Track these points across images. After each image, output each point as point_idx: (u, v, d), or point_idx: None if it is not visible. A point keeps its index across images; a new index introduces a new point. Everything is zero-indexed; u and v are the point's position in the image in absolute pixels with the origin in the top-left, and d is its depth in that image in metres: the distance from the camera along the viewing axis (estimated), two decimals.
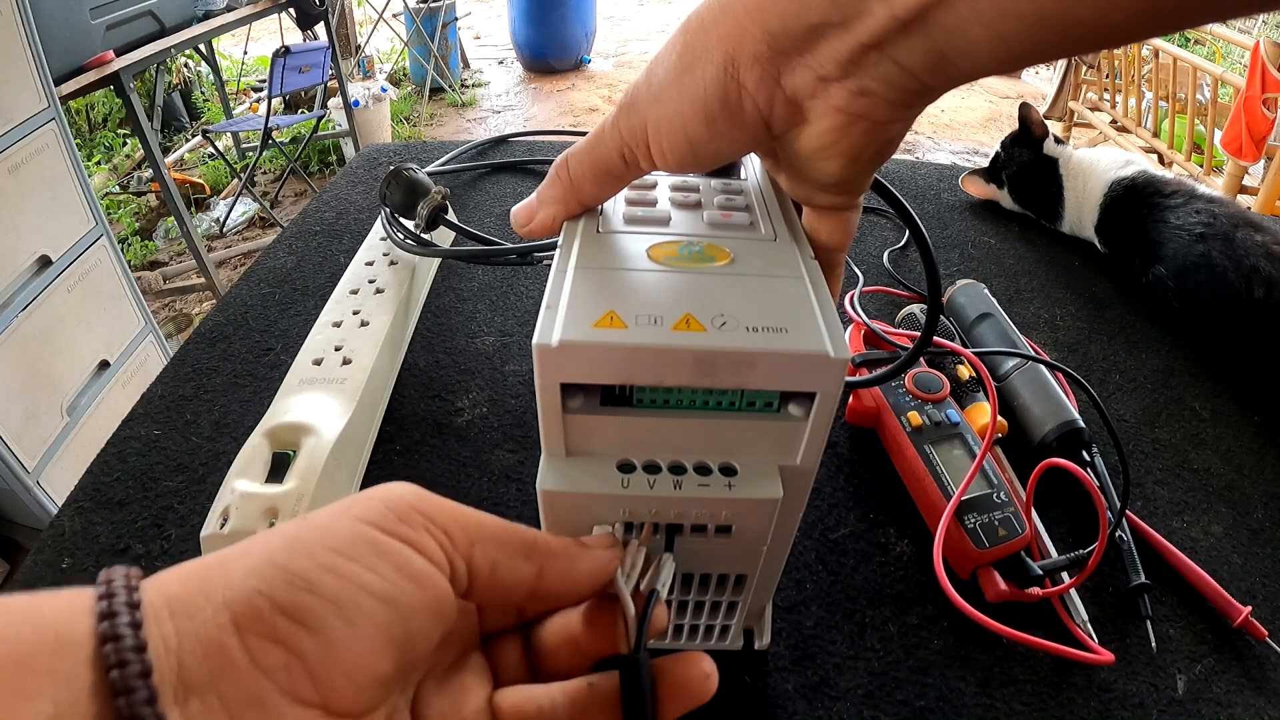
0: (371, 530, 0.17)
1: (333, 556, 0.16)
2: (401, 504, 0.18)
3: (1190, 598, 0.38)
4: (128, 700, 0.13)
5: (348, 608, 0.16)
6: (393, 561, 0.17)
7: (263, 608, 0.15)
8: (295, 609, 0.15)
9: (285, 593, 0.16)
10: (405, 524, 0.18)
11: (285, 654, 0.15)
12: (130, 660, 0.14)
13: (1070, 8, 0.16)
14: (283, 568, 0.16)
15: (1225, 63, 3.06)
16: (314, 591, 0.16)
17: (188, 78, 3.26)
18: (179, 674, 0.14)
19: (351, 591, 0.16)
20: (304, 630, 0.15)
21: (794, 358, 0.20)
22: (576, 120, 3.56)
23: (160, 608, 0.15)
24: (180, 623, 0.15)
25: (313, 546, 0.17)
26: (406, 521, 0.18)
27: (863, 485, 0.42)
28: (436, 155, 0.72)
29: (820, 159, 0.22)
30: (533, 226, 0.26)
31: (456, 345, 0.51)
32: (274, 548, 0.16)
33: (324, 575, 0.16)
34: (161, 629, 0.15)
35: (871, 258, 0.62)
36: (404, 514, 0.18)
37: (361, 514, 0.18)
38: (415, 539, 0.18)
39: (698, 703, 0.20)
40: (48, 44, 1.27)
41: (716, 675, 0.20)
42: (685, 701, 0.20)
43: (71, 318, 1.32)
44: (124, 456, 0.42)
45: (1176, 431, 0.48)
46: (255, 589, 0.15)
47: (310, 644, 0.15)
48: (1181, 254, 0.55)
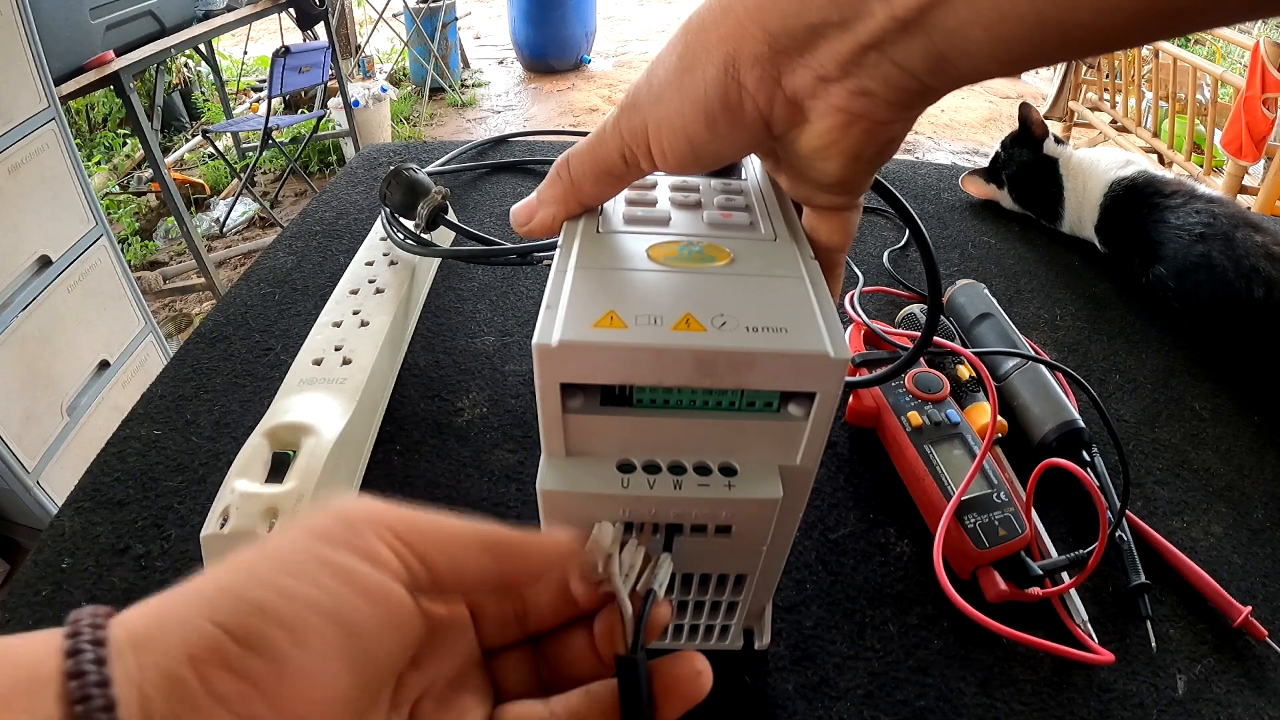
0: (319, 544, 0.17)
1: (280, 577, 0.16)
2: (354, 515, 0.18)
3: (1190, 598, 0.38)
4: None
5: (297, 629, 0.16)
6: (340, 576, 0.17)
7: (214, 636, 0.15)
8: (246, 635, 0.15)
9: (235, 620, 0.15)
10: (354, 534, 0.18)
11: (239, 683, 0.15)
12: (94, 695, 0.14)
13: (1070, 11, 0.16)
14: (233, 594, 0.16)
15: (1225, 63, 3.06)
16: (263, 616, 0.16)
17: (188, 78, 3.26)
18: (141, 707, 0.14)
19: (299, 612, 0.16)
20: (256, 656, 0.15)
21: (794, 358, 0.20)
22: (576, 120, 3.56)
23: (124, 643, 0.15)
24: (142, 657, 0.15)
25: (262, 571, 0.16)
26: (355, 531, 0.18)
27: (863, 485, 0.42)
28: (436, 155, 0.72)
29: (821, 159, 0.22)
30: (532, 226, 0.26)
31: (456, 345, 0.51)
32: (226, 575, 0.16)
33: (273, 598, 0.16)
34: (125, 664, 0.15)
35: (871, 258, 0.62)
36: (354, 524, 0.18)
37: (311, 530, 0.18)
38: (365, 547, 0.17)
39: (692, 701, 0.20)
40: (48, 44, 1.27)
41: (709, 673, 0.20)
42: (680, 701, 0.20)
43: (71, 318, 1.32)
44: (124, 456, 0.42)
45: (1176, 431, 0.48)
46: (207, 618, 0.15)
47: (264, 670, 0.15)
48: (1181, 254, 0.55)
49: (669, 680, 0.20)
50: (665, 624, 0.22)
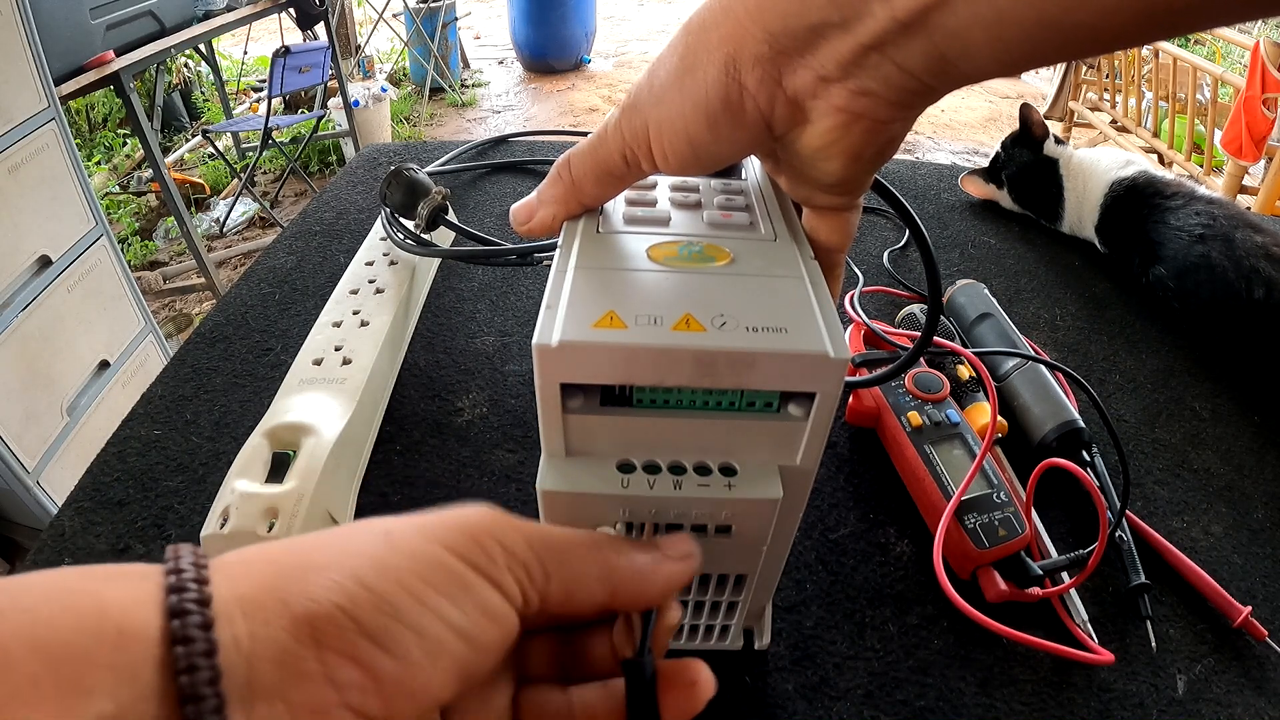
0: (457, 563, 0.17)
1: (420, 585, 0.16)
2: (485, 535, 0.18)
3: (1190, 598, 0.38)
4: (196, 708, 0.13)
5: (431, 640, 0.16)
6: (476, 599, 0.17)
7: (346, 625, 0.15)
8: (379, 632, 0.15)
9: (370, 615, 0.15)
10: (488, 557, 0.18)
11: (362, 674, 0.15)
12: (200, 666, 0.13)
13: (1070, 12, 0.16)
14: (369, 589, 0.16)
15: (1225, 63, 3.06)
16: (400, 619, 0.16)
17: (188, 78, 3.26)
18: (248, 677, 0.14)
19: (437, 625, 0.16)
20: (385, 654, 0.15)
21: (794, 358, 0.20)
22: (576, 120, 3.56)
23: (232, 606, 0.15)
24: (254, 626, 0.14)
25: (400, 571, 0.16)
26: (489, 554, 0.18)
27: (863, 485, 0.42)
28: (436, 155, 0.72)
29: (821, 159, 0.22)
30: (532, 225, 0.26)
31: (456, 345, 0.51)
32: (357, 565, 0.16)
33: (411, 604, 0.16)
34: (234, 629, 0.14)
35: (871, 258, 0.62)
36: (487, 546, 0.18)
37: (446, 542, 0.17)
38: (497, 577, 0.18)
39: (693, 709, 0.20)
40: (48, 44, 1.27)
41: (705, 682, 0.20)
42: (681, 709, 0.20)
43: (71, 318, 1.32)
44: (124, 456, 0.42)
45: (1176, 431, 0.48)
46: (338, 605, 0.15)
47: (389, 667, 0.15)
48: (1181, 255, 0.55)
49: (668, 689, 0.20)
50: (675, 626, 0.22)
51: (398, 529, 0.18)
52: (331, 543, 0.17)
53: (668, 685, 0.20)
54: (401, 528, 0.18)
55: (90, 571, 0.14)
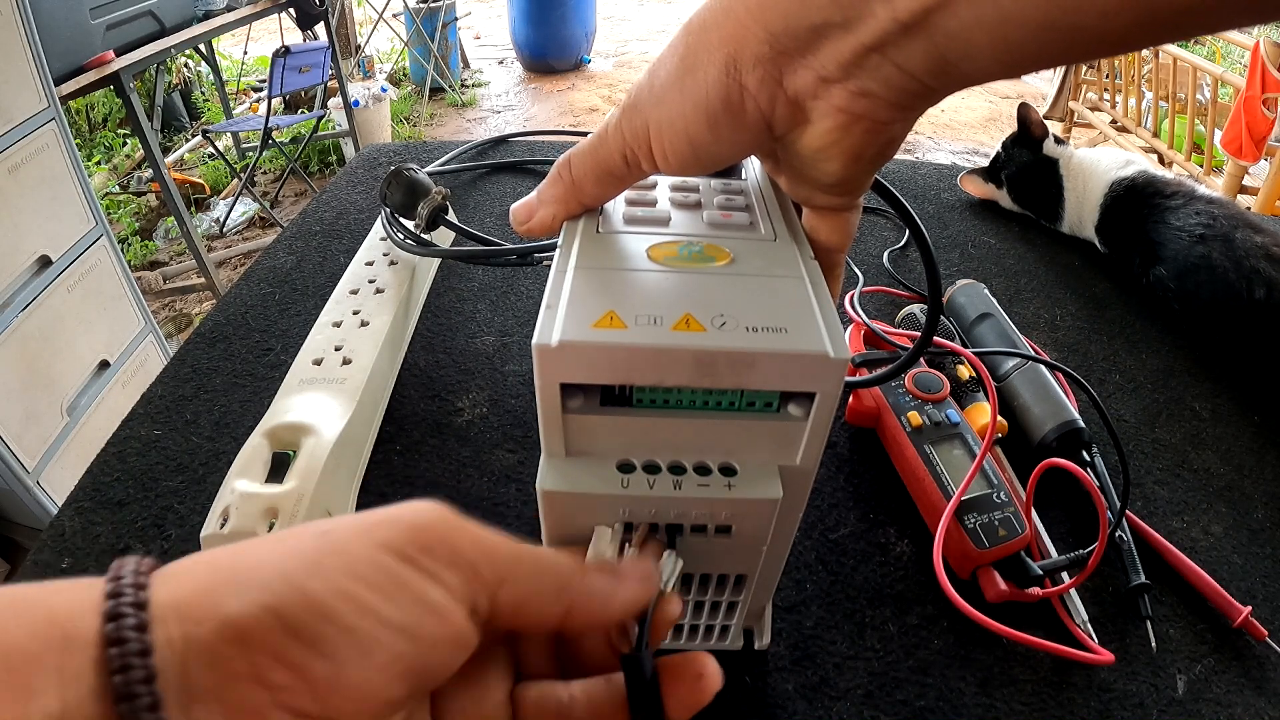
0: (392, 560, 0.17)
1: (351, 582, 0.16)
2: (427, 534, 0.18)
3: (1190, 598, 0.38)
4: (130, 706, 0.13)
5: (363, 638, 0.16)
6: (413, 595, 0.17)
7: (271, 626, 0.15)
8: (307, 632, 0.15)
9: (298, 614, 0.15)
10: (429, 554, 0.17)
11: (291, 675, 0.15)
12: (134, 665, 0.14)
13: (1073, 14, 0.16)
14: (297, 588, 0.16)
15: (1225, 63, 3.06)
16: (329, 618, 0.15)
17: (188, 78, 3.26)
18: (182, 680, 0.14)
19: (368, 623, 0.16)
20: (314, 655, 0.15)
21: (794, 358, 0.19)
22: (576, 120, 3.56)
23: (168, 609, 0.15)
24: (188, 628, 0.15)
25: (330, 570, 0.16)
26: (430, 551, 0.17)
27: (863, 485, 0.42)
28: (436, 155, 0.72)
29: (821, 159, 0.22)
30: (532, 225, 0.26)
31: (456, 345, 0.51)
32: (288, 565, 0.16)
33: (341, 603, 0.16)
34: (168, 632, 0.15)
35: (871, 258, 0.62)
36: (428, 545, 0.17)
37: (384, 540, 0.17)
38: (438, 573, 0.17)
39: (698, 703, 0.20)
40: (48, 44, 1.27)
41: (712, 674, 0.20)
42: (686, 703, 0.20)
43: (71, 318, 1.32)
44: (124, 456, 0.42)
45: (1176, 431, 0.48)
46: (266, 605, 0.15)
47: (320, 669, 0.15)
48: (1182, 255, 0.55)
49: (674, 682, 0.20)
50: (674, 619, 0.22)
51: (336, 528, 0.17)
52: (271, 544, 0.17)
53: (674, 679, 0.20)
54: (340, 526, 0.17)
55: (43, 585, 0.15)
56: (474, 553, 0.18)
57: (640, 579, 0.21)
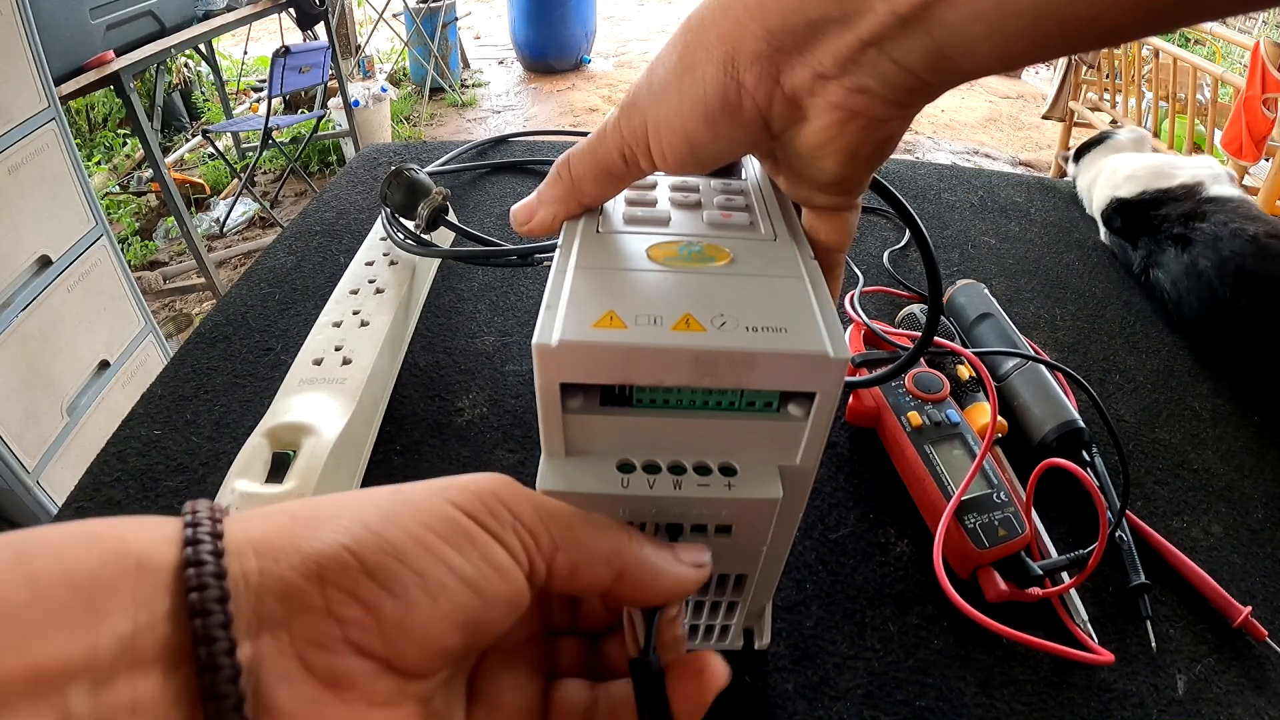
0: (463, 517, 0.18)
1: (424, 532, 0.17)
2: (493, 498, 0.18)
3: (1190, 598, 0.38)
4: (204, 622, 0.14)
5: (432, 583, 0.16)
6: (480, 551, 0.17)
7: (350, 564, 0.16)
8: (382, 572, 0.16)
9: (374, 556, 0.16)
10: (494, 518, 0.18)
11: (363, 611, 0.16)
12: (210, 585, 0.14)
13: (1069, 4, 0.16)
14: (375, 533, 0.16)
15: (1225, 63, 3.06)
16: (403, 561, 0.16)
17: (188, 78, 3.26)
18: (255, 608, 0.15)
19: (439, 569, 0.17)
20: (386, 594, 0.16)
21: (794, 358, 0.19)
22: (576, 120, 3.56)
23: (244, 544, 0.16)
24: (264, 562, 0.15)
25: (405, 519, 0.17)
26: (496, 515, 0.18)
27: (863, 485, 0.42)
28: (436, 155, 0.72)
29: (818, 157, 0.22)
30: (532, 225, 0.26)
31: (456, 345, 0.51)
32: (365, 512, 0.17)
33: (415, 547, 0.17)
34: (244, 565, 0.15)
35: (871, 258, 0.62)
36: (494, 508, 0.18)
37: (454, 499, 0.18)
38: (503, 536, 0.18)
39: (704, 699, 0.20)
40: (48, 44, 1.27)
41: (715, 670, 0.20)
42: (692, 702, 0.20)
43: (71, 318, 1.32)
44: (124, 456, 0.42)
45: (1176, 431, 0.48)
46: (344, 546, 0.16)
47: (390, 607, 0.16)
48: (1172, 261, 0.56)
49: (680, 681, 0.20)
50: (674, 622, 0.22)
51: (409, 487, 0.18)
52: (345, 499, 0.18)
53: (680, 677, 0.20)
54: (413, 486, 0.18)
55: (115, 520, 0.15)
56: (535, 519, 0.19)
57: (695, 563, 0.21)
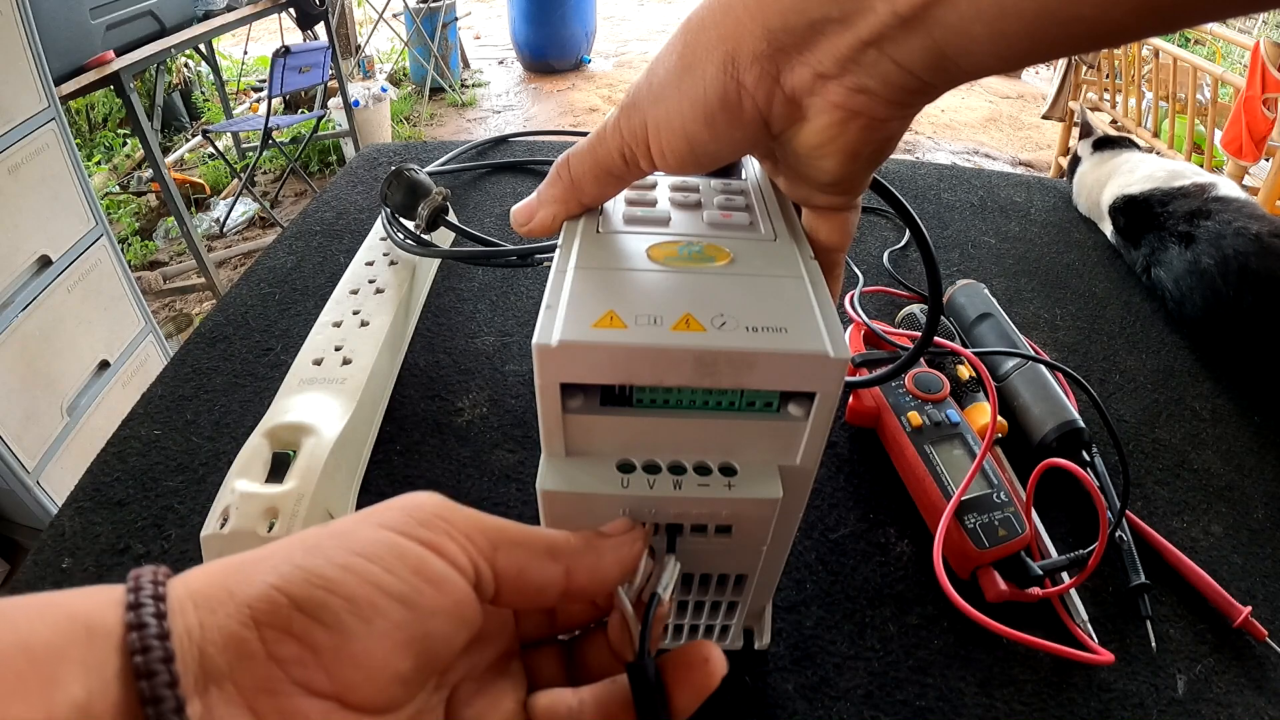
0: (392, 535, 0.18)
1: (351, 557, 0.17)
2: (422, 511, 0.19)
3: (1190, 598, 0.38)
4: (150, 683, 0.14)
5: (364, 606, 0.16)
6: (411, 564, 0.17)
7: (279, 603, 0.16)
8: (311, 605, 0.16)
9: (302, 590, 0.16)
10: (426, 528, 0.18)
11: (299, 647, 0.16)
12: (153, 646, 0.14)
13: (1071, 5, 0.16)
14: (300, 567, 0.17)
15: (1225, 63, 3.06)
16: (330, 590, 0.16)
17: (188, 78, 3.26)
18: (200, 663, 0.15)
19: (368, 591, 0.17)
20: (319, 626, 0.16)
21: (794, 358, 0.19)
22: (576, 120, 3.56)
23: (185, 600, 0.16)
24: (203, 615, 0.16)
25: (331, 549, 0.17)
26: (427, 526, 0.18)
27: (863, 485, 0.42)
28: (436, 155, 0.72)
29: (818, 157, 0.22)
30: (532, 226, 0.26)
31: (456, 345, 0.51)
32: (294, 550, 0.17)
33: (341, 574, 0.17)
34: (185, 620, 0.15)
35: (871, 258, 0.62)
36: (425, 520, 0.18)
37: (382, 521, 0.18)
38: (436, 542, 0.18)
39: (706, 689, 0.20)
40: (48, 44, 1.27)
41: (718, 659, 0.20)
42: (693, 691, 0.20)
43: (71, 318, 1.32)
44: (124, 456, 0.42)
45: (1176, 431, 0.48)
46: (272, 585, 0.16)
47: (325, 639, 0.16)
48: (1175, 260, 0.56)
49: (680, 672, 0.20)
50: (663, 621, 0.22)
51: (339, 521, 0.18)
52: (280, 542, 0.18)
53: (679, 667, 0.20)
54: (342, 519, 0.19)
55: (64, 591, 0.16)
56: (467, 524, 0.19)
57: (624, 533, 0.21)
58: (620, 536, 0.21)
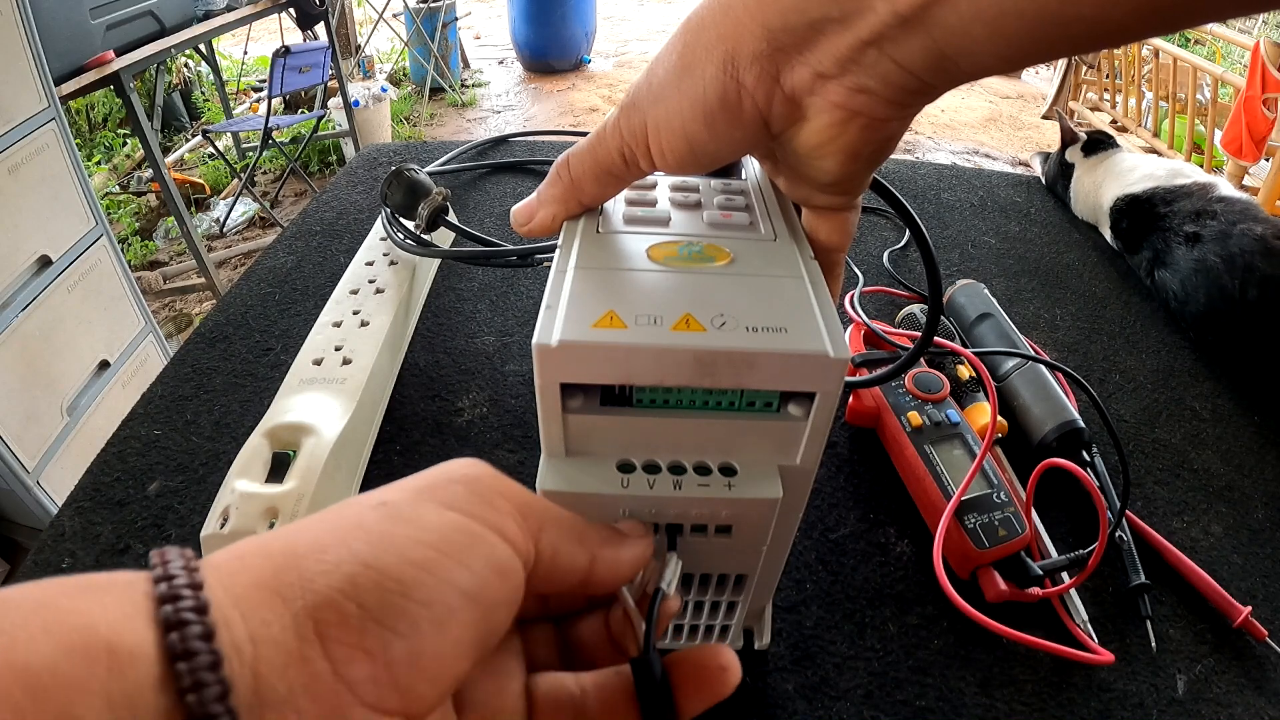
0: (462, 519, 0.16)
1: (426, 552, 0.15)
2: (483, 486, 0.17)
3: (1190, 598, 0.38)
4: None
5: (440, 610, 0.15)
6: (483, 554, 0.16)
7: (350, 612, 0.14)
8: (388, 615, 0.14)
9: (375, 596, 0.14)
10: (491, 507, 0.17)
11: (372, 664, 0.14)
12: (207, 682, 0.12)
13: (1071, 5, 0.16)
14: (371, 567, 0.14)
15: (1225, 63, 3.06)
16: (407, 594, 0.14)
17: (188, 78, 3.26)
18: (255, 691, 0.13)
19: (445, 593, 0.15)
20: (394, 635, 0.14)
21: (794, 358, 0.19)
22: (576, 120, 3.56)
23: (229, 610, 0.13)
24: (254, 628, 0.13)
25: (400, 541, 0.15)
26: (492, 504, 0.17)
27: (863, 485, 0.42)
28: (436, 155, 0.72)
29: (818, 157, 0.22)
30: (532, 226, 0.26)
31: (456, 345, 0.51)
32: (352, 538, 0.15)
33: (418, 575, 0.15)
34: (233, 636, 0.13)
35: (871, 258, 0.62)
36: (489, 497, 0.17)
37: (446, 500, 0.17)
38: (501, 525, 0.17)
39: (718, 696, 0.19)
40: (48, 44, 1.27)
41: (736, 668, 0.20)
42: (705, 695, 0.19)
43: (71, 318, 1.32)
44: (124, 456, 0.42)
45: (1176, 431, 0.48)
46: (341, 591, 0.14)
47: (400, 650, 0.14)
48: (1181, 258, 0.56)
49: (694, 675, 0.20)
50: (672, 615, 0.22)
51: (393, 497, 0.17)
52: (326, 523, 0.16)
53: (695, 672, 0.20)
54: (396, 495, 0.17)
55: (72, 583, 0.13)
56: (522, 501, 0.18)
57: (639, 533, 0.21)
58: (634, 535, 0.21)
